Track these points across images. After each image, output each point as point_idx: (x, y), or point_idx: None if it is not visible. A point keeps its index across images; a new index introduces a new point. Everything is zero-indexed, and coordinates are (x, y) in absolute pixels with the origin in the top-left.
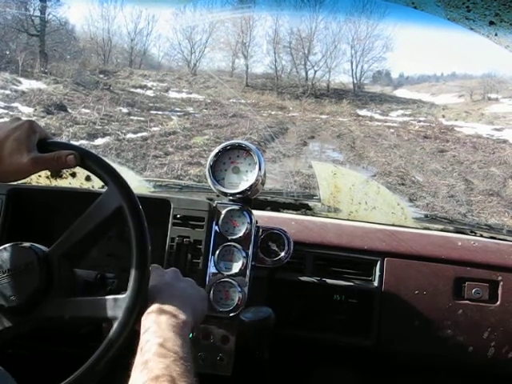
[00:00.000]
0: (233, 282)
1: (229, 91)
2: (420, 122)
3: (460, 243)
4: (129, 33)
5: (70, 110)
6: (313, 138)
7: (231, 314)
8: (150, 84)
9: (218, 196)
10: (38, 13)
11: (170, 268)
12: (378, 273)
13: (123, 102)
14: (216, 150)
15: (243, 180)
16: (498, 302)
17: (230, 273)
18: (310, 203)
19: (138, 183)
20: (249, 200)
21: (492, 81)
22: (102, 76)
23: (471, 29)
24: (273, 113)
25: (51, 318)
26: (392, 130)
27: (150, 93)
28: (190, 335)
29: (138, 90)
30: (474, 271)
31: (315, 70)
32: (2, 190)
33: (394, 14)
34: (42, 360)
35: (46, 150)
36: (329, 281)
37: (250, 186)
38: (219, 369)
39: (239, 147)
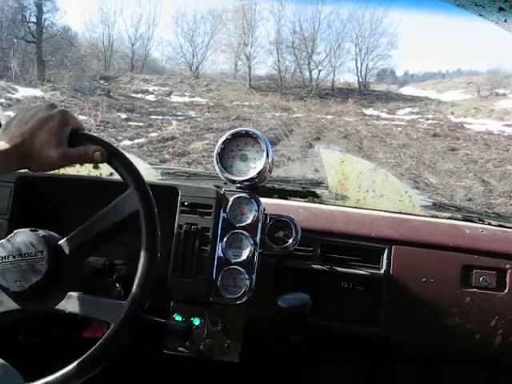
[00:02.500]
0: (240, 269)
1: (232, 94)
2: (428, 119)
3: (468, 231)
4: (129, 37)
5: None
6: (318, 139)
7: (238, 302)
8: (151, 88)
9: (225, 183)
10: (34, 19)
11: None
12: (385, 260)
13: (123, 108)
14: (224, 138)
15: (251, 167)
16: (506, 290)
17: (238, 260)
18: (318, 191)
19: (146, 171)
20: (256, 187)
21: (499, 76)
22: (102, 82)
23: (480, 15)
24: (277, 114)
25: (52, 310)
26: (400, 129)
27: (151, 97)
28: (198, 321)
29: (140, 95)
30: (482, 259)
31: (319, 70)
32: (11, 178)
33: (402, 0)
34: (52, 347)
35: (77, 142)
36: (336, 268)
37: (258, 174)
38: (227, 355)
39: (247, 135)
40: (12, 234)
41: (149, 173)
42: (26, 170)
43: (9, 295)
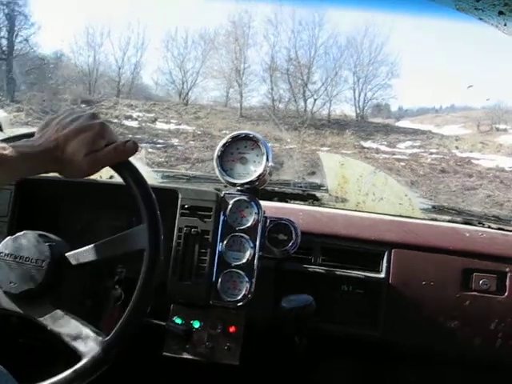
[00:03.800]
0: (240, 272)
1: (221, 122)
2: (432, 154)
3: (468, 234)
4: (116, 61)
5: None
6: (314, 173)
7: (238, 304)
8: (135, 114)
9: (225, 186)
10: (6, 34)
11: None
12: (385, 264)
13: None
14: (224, 141)
15: (251, 170)
16: (506, 294)
17: (238, 263)
18: (318, 194)
19: (147, 174)
20: (256, 190)
21: (499, 111)
22: (84, 106)
23: (480, 19)
24: (269, 145)
25: (36, 320)
26: (403, 164)
27: (134, 124)
28: (198, 324)
29: (122, 121)
30: (482, 262)
31: (315, 99)
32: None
33: (401, 4)
34: (52, 350)
35: None
36: (336, 271)
37: (258, 177)
38: (227, 358)
39: (247, 138)
40: (20, 234)
41: (149, 176)
42: None
43: (1, 293)
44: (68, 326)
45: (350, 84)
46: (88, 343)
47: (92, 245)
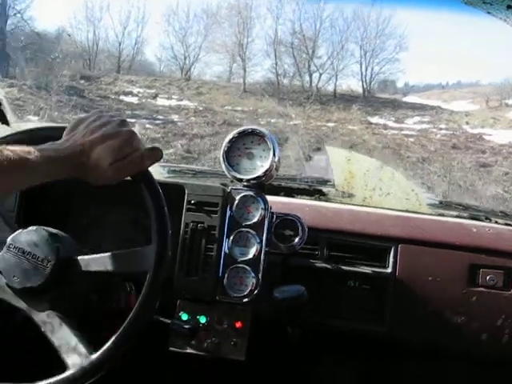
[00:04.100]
0: (247, 267)
1: (224, 97)
2: (441, 129)
3: (475, 230)
4: (117, 36)
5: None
6: (319, 149)
7: (245, 300)
8: (136, 90)
9: (232, 182)
10: None
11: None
12: (391, 259)
13: (89, 110)
14: (230, 136)
15: (257, 166)
16: None
17: (244, 258)
18: (324, 189)
19: (152, 169)
20: (263, 186)
21: (508, 86)
22: (82, 82)
23: (488, 13)
24: (272, 121)
25: (30, 317)
26: (412, 140)
27: (134, 100)
28: (204, 319)
29: (122, 97)
30: (489, 258)
31: (320, 73)
32: None
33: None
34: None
35: None
36: (342, 267)
37: (265, 172)
38: (233, 353)
39: (253, 133)
40: (33, 229)
41: (155, 171)
42: None
43: (1, 284)
44: (59, 332)
45: (357, 58)
46: (76, 358)
47: (103, 254)
